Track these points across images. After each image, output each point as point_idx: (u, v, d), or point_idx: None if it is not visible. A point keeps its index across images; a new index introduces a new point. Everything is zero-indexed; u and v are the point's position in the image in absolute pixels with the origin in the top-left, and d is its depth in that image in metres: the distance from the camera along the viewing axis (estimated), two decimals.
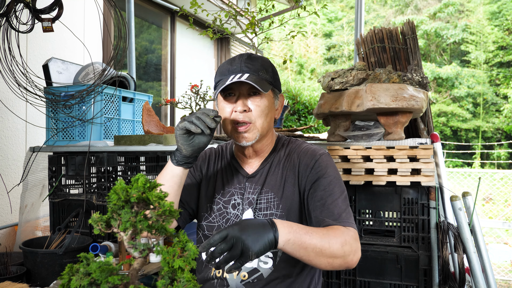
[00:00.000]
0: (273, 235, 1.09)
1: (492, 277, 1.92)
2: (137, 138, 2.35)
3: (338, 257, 1.18)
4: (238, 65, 1.34)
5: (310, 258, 1.15)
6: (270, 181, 1.41)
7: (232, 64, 1.36)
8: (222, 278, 1.36)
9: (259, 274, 1.35)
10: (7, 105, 2.89)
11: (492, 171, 6.55)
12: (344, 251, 1.18)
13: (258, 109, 1.34)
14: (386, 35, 2.46)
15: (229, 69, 1.35)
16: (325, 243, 1.16)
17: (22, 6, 2.42)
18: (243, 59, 1.36)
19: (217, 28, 2.35)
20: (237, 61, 1.36)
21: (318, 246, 1.15)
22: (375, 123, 2.08)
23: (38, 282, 2.10)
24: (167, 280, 0.78)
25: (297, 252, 1.14)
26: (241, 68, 1.34)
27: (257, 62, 1.36)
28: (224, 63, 1.40)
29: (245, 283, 1.34)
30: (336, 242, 1.18)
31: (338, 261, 1.19)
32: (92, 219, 0.87)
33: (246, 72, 1.32)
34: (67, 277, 0.78)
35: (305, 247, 1.13)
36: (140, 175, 0.87)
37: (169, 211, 0.85)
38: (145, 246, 0.85)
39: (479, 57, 14.92)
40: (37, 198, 2.64)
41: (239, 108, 1.33)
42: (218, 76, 1.39)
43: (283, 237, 1.11)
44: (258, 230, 1.07)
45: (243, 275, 1.35)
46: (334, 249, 1.17)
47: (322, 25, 17.25)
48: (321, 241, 1.16)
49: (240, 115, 1.33)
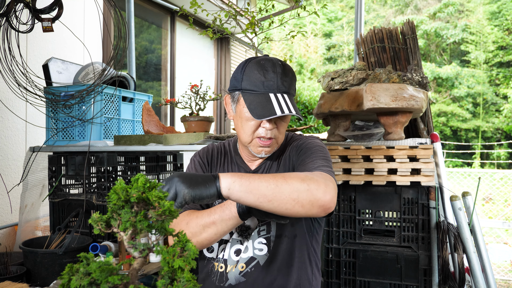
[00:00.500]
0: (212, 178, 1.07)
1: (492, 277, 1.92)
2: (137, 138, 2.35)
3: (301, 192, 1.08)
4: (274, 80, 1.29)
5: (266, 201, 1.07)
6: (271, 172, 1.43)
7: (266, 76, 1.29)
8: (221, 274, 1.38)
9: (256, 262, 1.36)
10: (7, 105, 2.89)
11: (492, 171, 6.55)
12: (308, 186, 1.09)
13: (283, 127, 1.36)
14: (386, 35, 2.46)
15: (264, 82, 1.29)
16: (280, 179, 1.10)
17: (22, 6, 2.42)
18: (277, 72, 1.30)
19: (217, 28, 2.35)
20: (271, 72, 1.30)
21: (272, 183, 1.08)
22: (375, 123, 2.08)
23: (38, 282, 2.10)
24: (167, 280, 0.78)
25: (248, 197, 1.07)
26: (277, 84, 1.29)
27: (289, 76, 1.33)
28: (254, 68, 1.31)
29: (243, 274, 1.36)
30: (295, 177, 1.11)
31: (303, 197, 1.08)
32: (92, 219, 0.87)
33: (284, 92, 1.29)
34: (67, 277, 0.78)
35: (256, 187, 1.07)
36: (140, 175, 0.87)
37: (169, 211, 0.85)
38: (145, 246, 0.85)
39: (479, 57, 14.92)
40: (37, 198, 2.64)
41: (268, 126, 1.31)
42: (248, 83, 1.31)
43: (226, 181, 1.06)
44: (197, 176, 1.07)
45: (241, 266, 1.36)
46: (293, 184, 1.09)
47: (322, 25, 17.25)
48: (274, 178, 1.10)
49: (268, 132, 1.33)
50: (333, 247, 1.96)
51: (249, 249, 1.38)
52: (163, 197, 0.86)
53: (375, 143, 1.96)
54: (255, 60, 1.33)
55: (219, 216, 1.22)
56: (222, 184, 1.07)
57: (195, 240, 1.24)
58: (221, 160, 1.51)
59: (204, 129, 2.48)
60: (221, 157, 1.51)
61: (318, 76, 16.26)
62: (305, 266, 1.41)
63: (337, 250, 1.95)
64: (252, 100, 1.29)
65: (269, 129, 1.32)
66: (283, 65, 1.33)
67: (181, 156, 3.11)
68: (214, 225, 1.22)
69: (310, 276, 1.42)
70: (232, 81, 1.37)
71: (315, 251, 1.46)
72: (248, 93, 1.30)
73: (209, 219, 1.23)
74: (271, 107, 1.26)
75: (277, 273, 1.36)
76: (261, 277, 1.35)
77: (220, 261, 1.40)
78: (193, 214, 1.27)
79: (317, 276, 1.45)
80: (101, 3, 3.55)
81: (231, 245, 1.40)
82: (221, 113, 6.30)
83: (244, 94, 1.31)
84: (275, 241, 1.37)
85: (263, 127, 1.32)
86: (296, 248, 1.39)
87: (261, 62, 1.32)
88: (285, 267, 1.37)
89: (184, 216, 1.28)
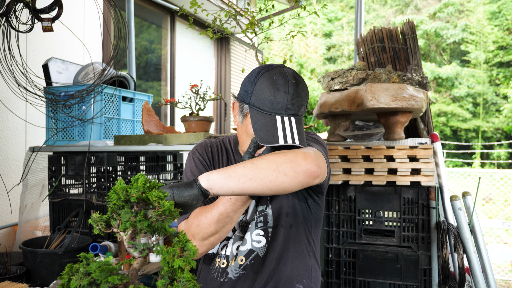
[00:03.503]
0: (193, 180, 1.06)
1: (492, 277, 1.92)
2: (137, 138, 2.35)
3: (280, 162, 1.07)
4: (283, 102, 1.22)
5: (250, 178, 1.05)
6: None
7: (276, 96, 1.22)
8: (222, 269, 1.38)
9: (255, 254, 1.37)
10: (7, 105, 2.89)
11: (492, 171, 6.55)
12: (283, 155, 1.08)
13: None
14: (386, 35, 2.46)
15: (273, 102, 1.22)
16: (256, 158, 1.09)
17: (22, 6, 2.42)
18: (289, 93, 1.23)
19: (217, 28, 2.35)
20: (282, 92, 1.22)
21: (248, 163, 1.07)
22: (375, 123, 2.08)
23: (38, 282, 2.10)
24: (167, 280, 0.78)
25: (229, 182, 1.05)
26: (286, 106, 1.22)
27: (301, 96, 1.26)
28: (265, 85, 1.24)
29: (243, 267, 1.36)
30: (272, 153, 1.10)
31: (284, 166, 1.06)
32: (92, 219, 0.87)
33: (293, 115, 1.23)
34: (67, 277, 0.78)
35: (234, 171, 1.05)
36: (140, 175, 0.87)
37: (169, 211, 0.85)
38: (145, 246, 0.85)
39: (479, 57, 14.93)
40: (37, 198, 2.64)
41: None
42: (257, 99, 1.25)
43: (204, 176, 1.06)
44: (180, 183, 1.06)
45: (240, 259, 1.37)
46: (269, 157, 1.08)
47: (322, 25, 17.25)
48: (250, 160, 1.09)
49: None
50: (333, 247, 1.96)
51: (248, 242, 1.38)
52: (163, 197, 0.86)
53: (375, 143, 1.96)
54: (268, 74, 1.25)
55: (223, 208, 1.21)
56: (201, 179, 1.05)
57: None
58: (222, 158, 1.48)
59: (204, 129, 2.48)
60: (223, 155, 1.48)
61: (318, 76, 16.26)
62: (303, 256, 1.41)
63: (337, 250, 1.95)
64: (258, 119, 1.24)
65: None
66: (296, 83, 1.26)
67: (181, 156, 3.11)
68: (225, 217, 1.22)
69: (309, 266, 1.42)
70: (241, 90, 1.31)
71: (314, 242, 1.46)
72: (256, 110, 1.25)
73: (217, 211, 1.22)
74: (275, 132, 1.20)
75: (276, 264, 1.36)
76: (261, 269, 1.35)
77: (222, 257, 1.40)
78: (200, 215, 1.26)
79: (316, 268, 1.46)
80: (101, 3, 3.55)
81: (234, 241, 1.40)
82: (221, 113, 6.30)
83: (251, 111, 1.26)
84: (272, 231, 1.37)
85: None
86: (295, 238, 1.40)
87: (273, 78, 1.24)
88: (284, 258, 1.37)
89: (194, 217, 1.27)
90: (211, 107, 6.31)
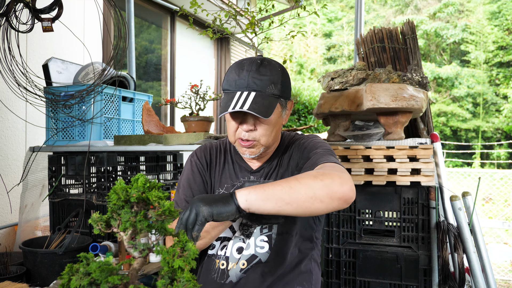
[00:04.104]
0: (230, 195, 1.07)
1: (492, 277, 1.92)
2: (137, 138, 2.35)
3: (318, 190, 1.07)
4: (245, 79, 1.27)
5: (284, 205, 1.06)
6: (273, 175, 1.42)
7: (240, 75, 1.28)
8: (222, 271, 1.38)
9: (258, 259, 1.36)
10: (7, 105, 2.89)
11: (492, 171, 6.55)
12: (323, 181, 1.09)
13: (264, 128, 1.31)
14: (386, 35, 2.46)
15: (236, 81, 1.28)
16: (293, 181, 1.09)
17: (22, 6, 2.42)
18: (252, 70, 1.28)
19: (217, 28, 2.35)
20: (245, 72, 1.28)
21: (286, 187, 1.07)
22: (375, 123, 2.08)
23: (38, 282, 2.10)
24: (167, 280, 0.78)
25: (267, 205, 1.06)
26: (248, 83, 1.26)
27: (266, 75, 1.28)
28: (233, 69, 1.32)
29: (245, 271, 1.36)
30: (307, 175, 1.11)
31: (321, 194, 1.07)
32: (92, 219, 0.87)
33: (253, 90, 1.26)
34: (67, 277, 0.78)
35: (273, 194, 1.06)
36: (140, 175, 0.87)
37: (169, 211, 0.85)
38: (145, 246, 0.85)
39: (479, 57, 14.92)
40: (37, 198, 2.64)
41: (245, 127, 1.30)
42: (226, 84, 1.32)
43: (242, 195, 1.06)
44: (215, 196, 1.08)
45: (242, 263, 1.36)
46: (308, 183, 1.08)
47: (322, 25, 17.25)
48: (287, 182, 1.09)
49: (245, 133, 1.31)
50: (333, 247, 1.96)
51: (251, 247, 1.38)
52: (163, 197, 0.86)
53: (375, 143, 1.96)
54: (240, 60, 1.34)
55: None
56: (239, 198, 1.06)
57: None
58: (220, 160, 1.49)
59: (204, 129, 2.48)
60: (221, 157, 1.49)
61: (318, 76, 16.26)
62: (305, 260, 1.41)
63: (337, 250, 1.95)
64: (223, 99, 1.30)
65: (245, 131, 1.30)
66: (261, 62, 1.30)
67: (181, 156, 3.11)
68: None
69: (310, 269, 1.43)
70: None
71: (316, 245, 1.47)
72: (225, 93, 1.32)
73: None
74: (229, 104, 1.25)
75: (278, 268, 1.36)
76: (263, 275, 1.35)
77: (221, 258, 1.40)
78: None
79: (316, 270, 1.46)
80: (101, 3, 3.55)
81: (234, 242, 1.40)
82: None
83: (223, 95, 1.34)
84: (276, 238, 1.37)
85: (241, 129, 1.31)
86: (298, 245, 1.40)
87: (242, 62, 1.32)
88: (287, 263, 1.37)
89: None
90: (211, 107, 6.31)
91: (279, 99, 1.31)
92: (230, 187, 1.44)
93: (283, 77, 1.33)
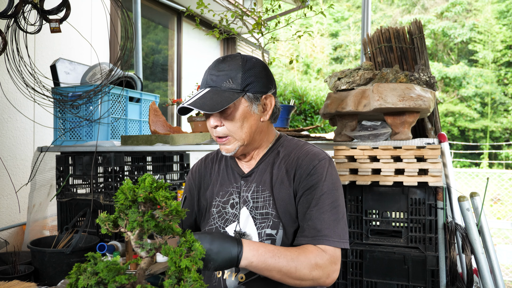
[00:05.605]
0: (236, 254, 1.13)
1: (501, 278, 1.90)
2: (144, 138, 2.36)
3: (306, 280, 1.20)
4: (205, 77, 1.33)
5: (276, 279, 1.20)
6: (266, 179, 1.38)
7: (204, 74, 1.35)
8: (218, 280, 1.36)
9: (256, 275, 1.33)
10: (16, 105, 2.91)
11: (500, 171, 6.50)
12: (313, 276, 1.20)
13: (229, 123, 1.31)
14: (393, 35, 2.45)
15: (202, 80, 1.34)
16: (292, 267, 1.18)
17: (30, 7, 2.44)
18: (211, 68, 1.33)
19: (224, 28, 2.35)
20: (207, 70, 1.34)
21: (284, 270, 1.18)
22: (382, 123, 2.07)
23: (45, 281, 2.11)
24: (174, 280, 0.78)
25: (261, 273, 1.19)
26: (206, 80, 1.32)
27: (223, 71, 1.29)
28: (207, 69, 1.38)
29: (243, 283, 1.34)
30: (305, 267, 1.19)
31: (307, 283, 1.21)
32: (100, 219, 0.88)
33: (209, 86, 1.30)
34: (75, 276, 0.78)
35: (269, 270, 1.17)
36: (147, 175, 0.87)
37: (176, 211, 0.85)
38: (152, 245, 0.85)
39: (487, 56, 14.81)
40: (45, 197, 2.65)
41: (211, 123, 1.32)
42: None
43: (246, 260, 1.15)
44: (224, 244, 1.12)
45: (240, 277, 1.34)
46: (301, 274, 1.19)
47: (328, 25, 17.21)
48: (287, 265, 1.18)
49: (214, 130, 1.33)
50: None
51: None
52: (170, 197, 0.86)
53: (382, 143, 1.95)
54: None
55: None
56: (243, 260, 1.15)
57: None
58: (215, 169, 1.51)
59: None
60: (215, 165, 1.52)
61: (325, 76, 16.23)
62: None
63: (343, 250, 1.95)
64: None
65: (212, 127, 1.33)
66: (223, 59, 1.33)
67: (188, 156, 3.12)
68: None
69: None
70: None
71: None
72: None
73: None
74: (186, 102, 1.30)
75: (278, 285, 1.33)
76: (261, 287, 1.32)
77: None
78: None
79: None
80: (108, 4, 3.57)
81: None
82: None
83: None
84: None
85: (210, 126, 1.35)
86: None
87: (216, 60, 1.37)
88: None
89: None
90: None
91: (242, 93, 1.29)
92: (225, 193, 1.44)
93: (250, 71, 1.31)
